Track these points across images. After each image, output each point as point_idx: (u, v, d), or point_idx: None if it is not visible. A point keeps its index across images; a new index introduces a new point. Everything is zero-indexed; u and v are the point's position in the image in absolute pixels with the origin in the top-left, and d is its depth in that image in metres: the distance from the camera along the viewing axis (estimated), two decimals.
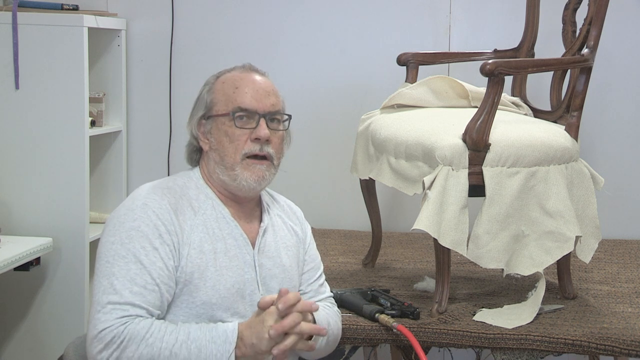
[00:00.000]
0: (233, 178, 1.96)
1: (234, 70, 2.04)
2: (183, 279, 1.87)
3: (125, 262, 1.82)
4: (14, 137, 3.10)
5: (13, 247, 2.87)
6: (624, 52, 3.23)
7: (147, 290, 1.81)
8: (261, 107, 1.98)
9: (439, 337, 2.16)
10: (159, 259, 1.84)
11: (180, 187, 1.97)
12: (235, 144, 1.95)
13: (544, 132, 2.31)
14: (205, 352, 1.80)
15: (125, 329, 1.77)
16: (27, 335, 3.16)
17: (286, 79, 3.32)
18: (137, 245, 1.84)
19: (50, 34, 3.06)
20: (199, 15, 3.40)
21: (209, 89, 2.02)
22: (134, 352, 1.76)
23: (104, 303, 1.79)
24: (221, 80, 2.02)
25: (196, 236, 1.91)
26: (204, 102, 2.01)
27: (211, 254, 1.91)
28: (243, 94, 1.97)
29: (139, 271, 1.82)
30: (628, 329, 2.18)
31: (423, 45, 3.19)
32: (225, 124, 1.96)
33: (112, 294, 1.79)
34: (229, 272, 1.92)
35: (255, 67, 2.06)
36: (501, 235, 2.20)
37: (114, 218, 1.90)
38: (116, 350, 1.76)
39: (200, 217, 1.94)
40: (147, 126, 3.46)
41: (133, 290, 1.80)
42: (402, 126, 2.38)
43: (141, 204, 1.89)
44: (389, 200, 3.28)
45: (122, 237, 1.85)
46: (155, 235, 1.85)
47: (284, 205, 2.15)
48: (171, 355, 1.79)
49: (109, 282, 1.81)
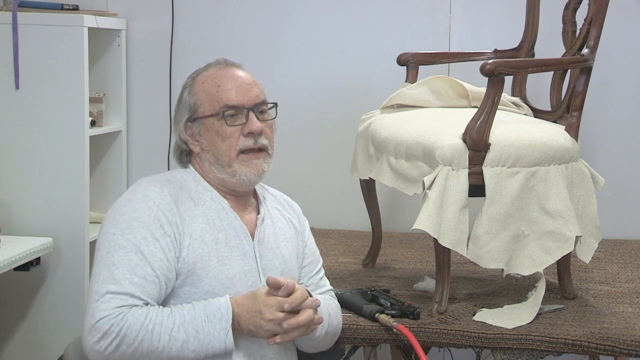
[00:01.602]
0: (232, 175, 1.97)
1: (210, 67, 2.03)
2: (185, 270, 1.88)
3: (126, 252, 1.82)
4: (14, 137, 3.10)
5: (13, 247, 2.87)
6: (624, 52, 3.23)
7: (147, 282, 1.82)
8: (247, 100, 1.98)
9: (439, 337, 2.16)
10: (159, 250, 1.84)
11: (178, 180, 1.99)
12: (229, 142, 1.96)
13: (544, 132, 2.31)
14: (202, 332, 1.81)
15: (123, 318, 1.77)
16: (27, 335, 3.16)
17: (286, 79, 3.33)
18: (138, 235, 1.84)
19: (50, 34, 3.05)
20: (199, 15, 3.40)
21: (190, 91, 2.01)
22: (134, 340, 1.77)
23: (102, 292, 1.79)
24: (200, 81, 2.00)
25: (197, 226, 1.92)
26: (187, 104, 2.00)
27: (213, 244, 1.92)
28: (227, 91, 1.97)
29: (140, 262, 1.82)
30: (628, 329, 2.17)
31: (423, 45, 3.19)
32: (215, 123, 1.96)
33: (111, 283, 1.79)
34: (230, 262, 1.93)
35: (230, 60, 2.04)
36: (501, 235, 2.20)
37: (114, 209, 1.90)
38: (115, 339, 1.76)
39: (200, 207, 1.95)
40: (147, 126, 3.46)
41: (133, 281, 1.80)
42: (402, 126, 2.38)
43: (142, 195, 1.90)
44: (389, 200, 3.28)
45: (123, 227, 1.85)
46: (156, 225, 1.86)
47: (281, 199, 2.17)
48: (170, 340, 1.79)
49: (109, 271, 1.81)
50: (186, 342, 1.80)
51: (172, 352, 1.80)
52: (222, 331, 1.82)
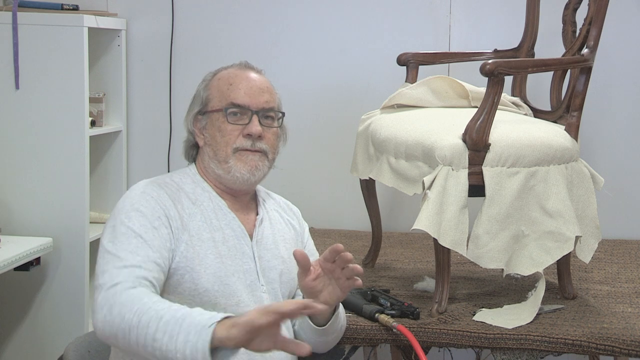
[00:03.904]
0: (227, 170, 1.99)
1: (231, 67, 2.07)
2: (183, 265, 1.88)
3: (127, 237, 1.84)
4: (14, 137, 3.10)
5: (13, 247, 2.87)
6: (624, 52, 3.23)
7: (149, 261, 1.82)
8: (254, 103, 2.00)
9: (439, 337, 2.16)
10: (157, 238, 1.86)
11: (176, 182, 2.01)
12: (227, 139, 1.98)
13: (544, 132, 2.31)
14: (188, 320, 1.66)
15: (130, 287, 1.74)
16: (27, 335, 3.16)
17: (286, 79, 3.33)
18: (137, 223, 1.86)
19: (50, 34, 3.06)
20: (199, 15, 3.40)
21: (206, 85, 2.06)
22: (124, 305, 1.70)
23: (106, 270, 1.78)
24: (217, 77, 2.05)
25: (195, 224, 1.93)
26: (200, 98, 2.05)
27: (210, 242, 1.93)
28: (237, 90, 2.00)
29: (140, 244, 1.83)
30: (628, 329, 2.17)
31: (423, 45, 3.19)
32: (219, 119, 2.00)
33: (116, 261, 1.80)
34: (228, 260, 1.94)
35: (251, 64, 2.09)
36: (501, 235, 2.20)
37: (114, 209, 1.93)
38: (115, 307, 1.71)
39: (198, 207, 1.97)
40: (147, 126, 3.46)
41: (136, 259, 1.80)
42: (402, 126, 2.38)
43: (140, 192, 1.93)
44: (389, 200, 3.28)
45: (122, 217, 1.87)
46: (154, 217, 1.88)
47: (281, 203, 2.19)
48: (154, 315, 1.68)
49: (112, 255, 1.81)
50: (168, 323, 1.65)
51: (151, 329, 1.66)
52: (208, 321, 1.64)
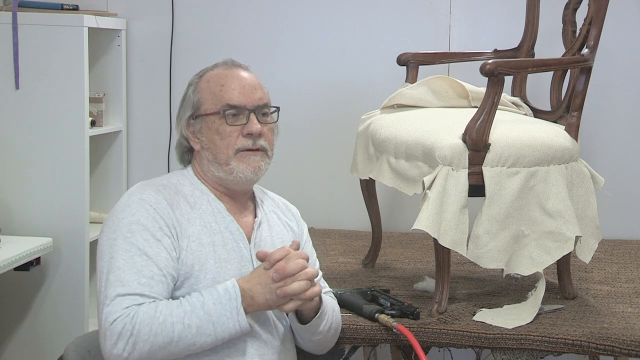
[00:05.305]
0: (229, 172, 1.98)
1: (217, 67, 2.05)
2: (184, 272, 1.88)
3: (130, 255, 1.83)
4: (14, 137, 3.10)
5: (13, 247, 2.87)
6: (624, 52, 3.23)
7: (155, 281, 1.82)
8: (249, 102, 1.99)
9: (439, 337, 2.16)
10: (163, 250, 1.85)
11: (174, 184, 2.00)
12: (227, 141, 1.97)
13: (544, 132, 2.31)
14: (215, 315, 1.81)
15: (134, 315, 1.77)
16: (27, 335, 3.16)
17: (286, 79, 3.33)
18: (140, 238, 1.85)
19: (50, 34, 3.05)
20: (199, 15, 3.40)
21: (194, 88, 2.03)
22: (149, 334, 1.76)
23: (112, 296, 1.79)
24: (206, 79, 2.03)
25: (194, 229, 1.93)
26: (191, 102, 2.02)
27: (210, 246, 1.93)
28: (230, 91, 1.99)
29: (145, 263, 1.82)
30: (628, 329, 2.18)
31: (423, 45, 3.18)
32: (216, 122, 1.98)
33: (119, 286, 1.80)
34: (228, 264, 1.94)
35: (237, 62, 2.07)
36: (501, 235, 2.20)
37: (112, 215, 1.91)
38: (131, 337, 1.76)
39: (196, 211, 1.96)
40: (147, 126, 3.46)
41: (141, 282, 1.81)
42: (402, 126, 2.38)
43: (137, 199, 1.91)
44: (389, 200, 3.28)
45: (124, 231, 1.86)
46: (155, 227, 1.87)
47: (279, 203, 2.17)
48: (184, 328, 1.79)
49: (116, 276, 1.81)
50: (200, 327, 1.80)
51: (189, 339, 1.79)
52: (234, 310, 1.82)
